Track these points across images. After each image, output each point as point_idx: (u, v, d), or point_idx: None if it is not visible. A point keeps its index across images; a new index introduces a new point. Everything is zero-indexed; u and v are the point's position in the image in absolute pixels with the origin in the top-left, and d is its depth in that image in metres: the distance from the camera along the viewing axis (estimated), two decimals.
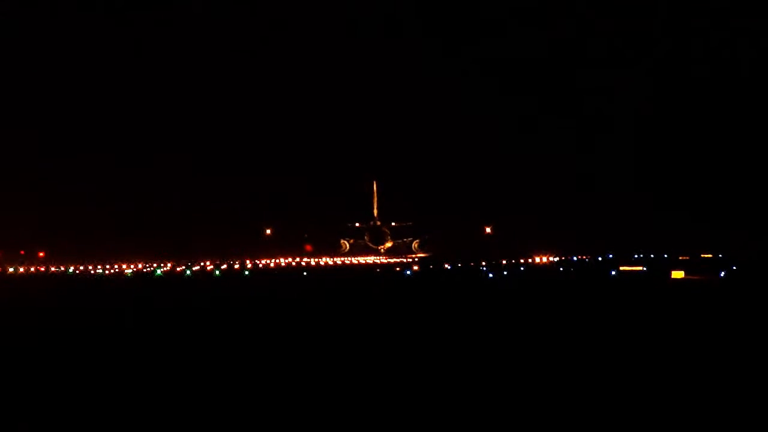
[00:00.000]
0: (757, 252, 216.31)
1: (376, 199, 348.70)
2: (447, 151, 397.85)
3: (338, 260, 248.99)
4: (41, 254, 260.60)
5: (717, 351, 44.71)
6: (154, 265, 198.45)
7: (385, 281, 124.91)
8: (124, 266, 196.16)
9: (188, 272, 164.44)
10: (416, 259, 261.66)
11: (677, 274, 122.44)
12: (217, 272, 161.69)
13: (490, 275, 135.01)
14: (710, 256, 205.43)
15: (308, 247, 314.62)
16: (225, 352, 45.24)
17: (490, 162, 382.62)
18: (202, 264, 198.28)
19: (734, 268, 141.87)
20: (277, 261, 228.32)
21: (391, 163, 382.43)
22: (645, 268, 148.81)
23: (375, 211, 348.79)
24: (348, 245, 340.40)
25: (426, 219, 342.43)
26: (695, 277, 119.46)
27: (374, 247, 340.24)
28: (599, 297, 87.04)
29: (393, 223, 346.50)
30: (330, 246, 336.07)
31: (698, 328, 55.91)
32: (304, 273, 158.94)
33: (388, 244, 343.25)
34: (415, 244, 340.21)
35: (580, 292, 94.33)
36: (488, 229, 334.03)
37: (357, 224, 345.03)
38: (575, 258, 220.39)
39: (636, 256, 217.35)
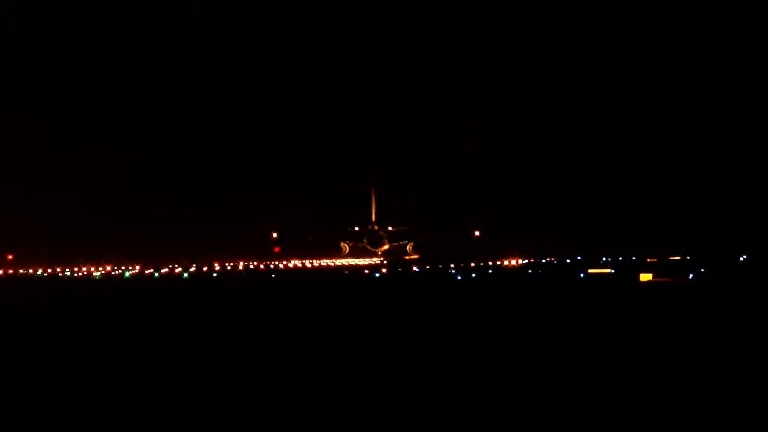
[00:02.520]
0: (726, 254, 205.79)
1: (374, 206, 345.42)
2: (441, 161, 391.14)
3: (311, 263, 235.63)
4: (10, 257, 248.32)
5: (685, 353, 41.34)
6: (122, 267, 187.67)
7: (344, 283, 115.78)
8: (92, 269, 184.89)
9: (156, 275, 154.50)
10: (385, 261, 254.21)
11: (645, 277, 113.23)
12: (186, 275, 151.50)
13: (458, 277, 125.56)
14: (679, 258, 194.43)
15: (276, 249, 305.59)
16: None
17: (481, 171, 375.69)
18: (170, 266, 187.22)
19: (703, 270, 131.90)
20: (246, 263, 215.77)
21: (389, 172, 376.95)
22: (613, 271, 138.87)
23: (373, 217, 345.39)
24: (348, 248, 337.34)
25: (420, 223, 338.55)
26: (664, 280, 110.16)
27: (372, 249, 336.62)
28: (565, 300, 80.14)
29: (390, 228, 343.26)
30: (331, 248, 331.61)
31: (666, 331, 51.09)
32: (272, 275, 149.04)
33: (385, 247, 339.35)
34: (409, 247, 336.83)
35: (547, 295, 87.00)
36: (477, 233, 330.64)
37: (356, 228, 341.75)
38: (543, 260, 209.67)
39: (604, 258, 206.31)
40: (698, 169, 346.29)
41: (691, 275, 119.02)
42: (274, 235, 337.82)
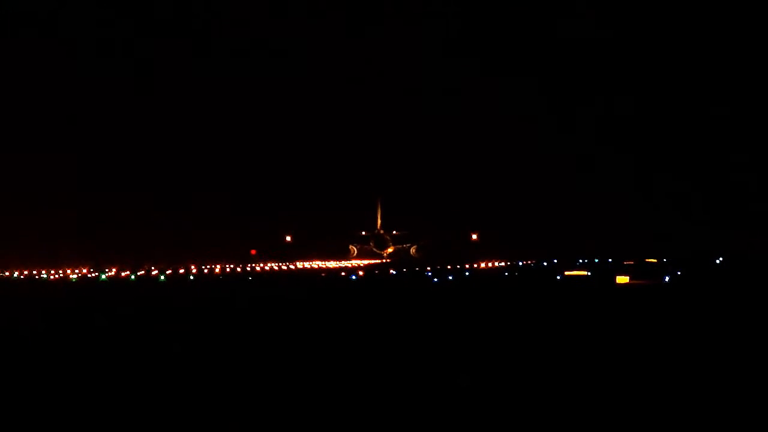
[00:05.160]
0: (702, 256, 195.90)
1: (380, 212, 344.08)
2: (442, 170, 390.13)
3: (293, 265, 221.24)
4: None
5: (657, 355, 37.80)
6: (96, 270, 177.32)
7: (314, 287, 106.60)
8: (68, 271, 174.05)
9: (132, 277, 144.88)
10: (366, 264, 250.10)
11: (622, 279, 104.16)
12: (162, 277, 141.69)
13: (435, 280, 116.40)
14: (655, 261, 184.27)
15: (253, 252, 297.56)
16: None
17: (478, 179, 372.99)
18: (146, 269, 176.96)
19: (678, 273, 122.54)
20: (224, 266, 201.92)
21: (394, 179, 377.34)
22: (590, 273, 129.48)
23: (379, 222, 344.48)
24: (356, 250, 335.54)
25: (423, 228, 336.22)
26: (640, 282, 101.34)
27: (378, 251, 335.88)
28: (540, 301, 73.88)
29: (394, 232, 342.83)
30: (341, 251, 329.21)
31: (640, 332, 46.88)
32: (249, 278, 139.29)
33: (390, 249, 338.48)
34: (412, 250, 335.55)
35: (522, 296, 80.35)
36: (475, 236, 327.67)
37: (363, 233, 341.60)
38: (521, 263, 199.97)
39: (581, 261, 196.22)
40: (676, 173, 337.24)
41: (667, 278, 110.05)
42: (288, 238, 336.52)
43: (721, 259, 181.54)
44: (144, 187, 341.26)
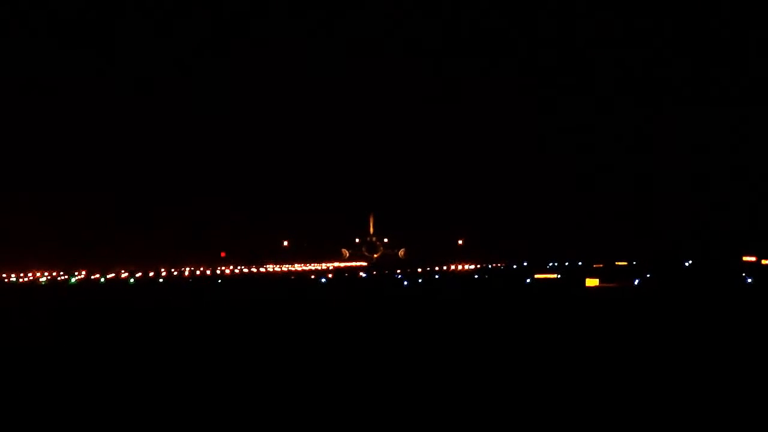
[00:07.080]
0: (671, 259, 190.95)
1: (372, 221, 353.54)
2: (431, 180, 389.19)
3: (265, 268, 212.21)
4: None
5: (625, 358, 35.61)
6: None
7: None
8: (38, 274, 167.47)
9: (102, 280, 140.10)
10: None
11: (592, 282, 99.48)
12: (132, 280, 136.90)
13: (405, 282, 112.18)
14: (625, 263, 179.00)
15: (222, 254, 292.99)
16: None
17: (466, 187, 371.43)
18: (116, 271, 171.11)
19: (648, 276, 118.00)
20: (193, 269, 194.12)
21: (389, 186, 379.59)
22: (559, 276, 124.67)
23: (371, 229, 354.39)
24: (348, 253, 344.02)
25: (412, 233, 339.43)
26: (610, 285, 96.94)
27: (369, 255, 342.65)
28: (508, 304, 71.24)
29: (385, 240, 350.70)
30: (335, 254, 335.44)
31: (608, 335, 44.84)
32: (219, 281, 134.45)
33: (380, 253, 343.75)
34: (401, 253, 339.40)
35: (492, 299, 77.74)
36: (460, 242, 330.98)
37: (357, 240, 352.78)
38: (490, 266, 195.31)
39: (551, 263, 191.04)
40: (648, 176, 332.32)
41: (637, 281, 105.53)
42: (285, 243, 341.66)
43: (690, 261, 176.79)
44: (141, 190, 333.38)
